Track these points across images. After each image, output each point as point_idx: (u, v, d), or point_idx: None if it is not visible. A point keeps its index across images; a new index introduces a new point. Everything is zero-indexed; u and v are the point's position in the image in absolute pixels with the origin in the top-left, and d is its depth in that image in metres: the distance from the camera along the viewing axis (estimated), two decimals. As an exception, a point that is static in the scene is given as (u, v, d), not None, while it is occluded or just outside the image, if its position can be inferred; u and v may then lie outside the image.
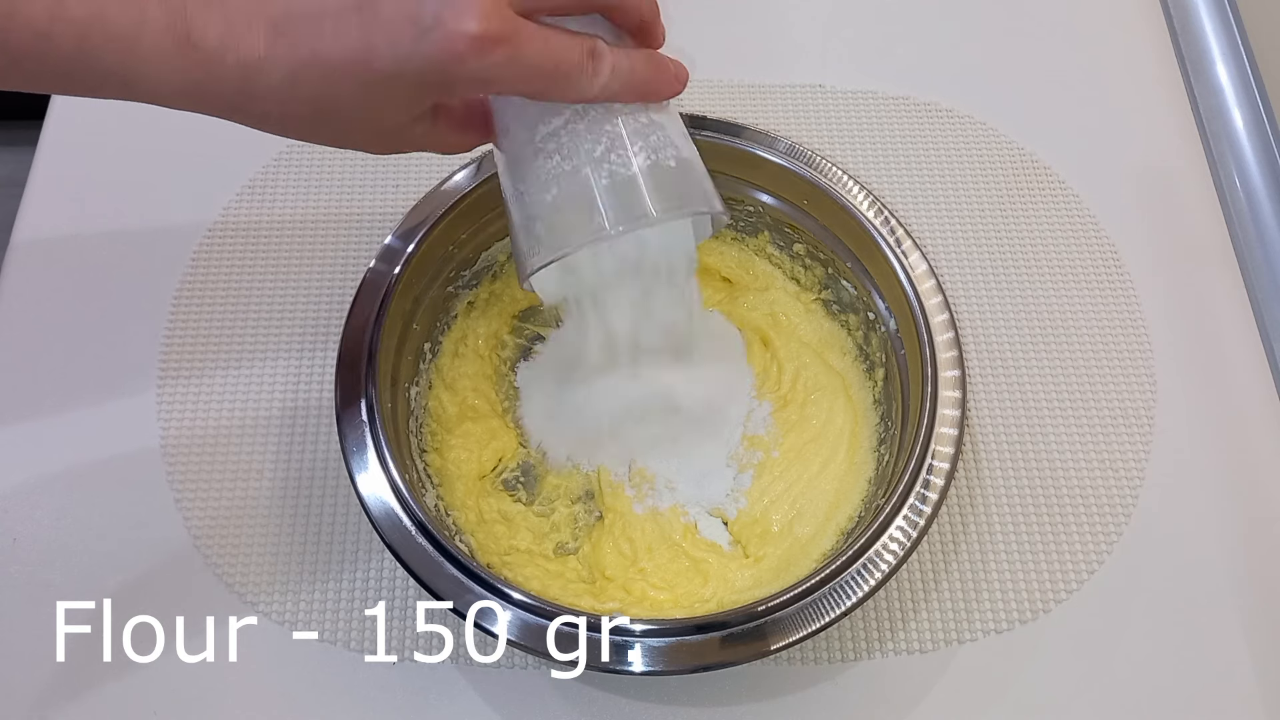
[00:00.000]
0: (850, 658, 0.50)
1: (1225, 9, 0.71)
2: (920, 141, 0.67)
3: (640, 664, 0.43)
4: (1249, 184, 0.65)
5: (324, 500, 0.53)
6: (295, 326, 0.58)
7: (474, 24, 0.35)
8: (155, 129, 0.62)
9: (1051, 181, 0.65)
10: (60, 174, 0.63)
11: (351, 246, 0.61)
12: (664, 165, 0.42)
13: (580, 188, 0.41)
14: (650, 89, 0.41)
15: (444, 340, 0.56)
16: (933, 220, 0.64)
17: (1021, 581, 0.53)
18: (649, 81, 0.40)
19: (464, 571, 0.44)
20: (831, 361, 0.57)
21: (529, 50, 0.36)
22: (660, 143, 0.42)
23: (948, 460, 0.47)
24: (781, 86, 0.68)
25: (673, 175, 0.42)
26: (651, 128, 0.42)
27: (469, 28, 0.35)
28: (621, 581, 0.50)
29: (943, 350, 0.50)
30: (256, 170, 0.63)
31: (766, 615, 0.44)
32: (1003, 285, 0.62)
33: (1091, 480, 0.55)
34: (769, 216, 0.57)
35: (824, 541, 0.51)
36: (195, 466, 0.54)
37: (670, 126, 0.43)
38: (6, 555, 0.51)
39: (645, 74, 0.40)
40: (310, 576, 0.51)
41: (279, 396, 0.56)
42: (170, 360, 0.57)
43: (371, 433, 0.47)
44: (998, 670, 0.50)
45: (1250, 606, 0.52)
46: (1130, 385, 0.58)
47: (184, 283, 0.59)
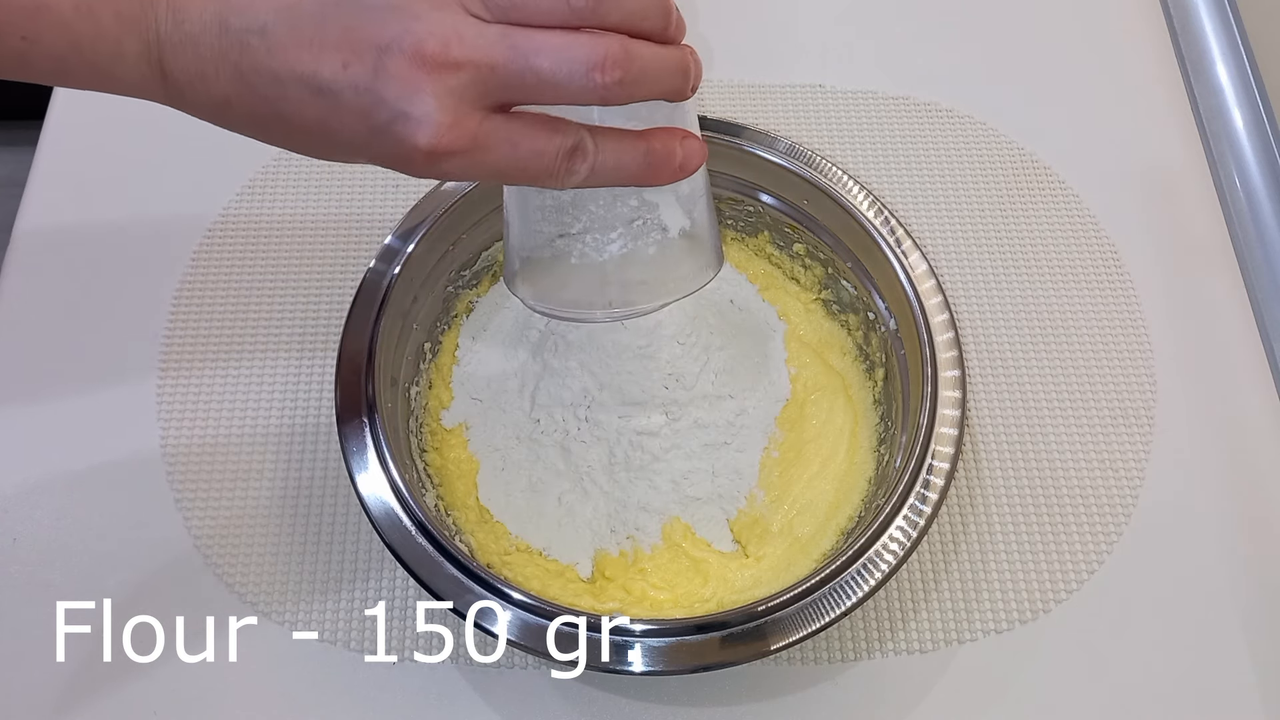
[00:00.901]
0: (850, 658, 0.50)
1: (1225, 9, 0.71)
2: (920, 141, 0.67)
3: (640, 664, 0.43)
4: (1249, 184, 0.65)
5: (324, 500, 0.53)
6: (295, 326, 0.58)
7: (425, 138, 0.33)
8: (155, 130, 0.62)
9: (1051, 181, 0.65)
10: (60, 174, 0.63)
11: (351, 246, 0.61)
12: (640, 254, 0.41)
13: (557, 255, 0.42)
14: (641, 180, 0.38)
15: (444, 340, 0.56)
16: (933, 220, 0.64)
17: (1021, 581, 0.53)
18: (638, 176, 0.37)
19: (464, 571, 0.44)
20: (831, 361, 0.57)
21: (491, 158, 0.35)
22: (645, 228, 0.41)
23: (948, 460, 0.47)
24: (781, 86, 0.68)
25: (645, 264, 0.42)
26: (641, 209, 0.41)
27: (419, 141, 0.33)
28: (621, 581, 0.50)
29: (943, 350, 0.50)
30: (256, 170, 0.63)
31: (766, 615, 0.44)
32: (1003, 285, 0.62)
33: (1091, 480, 0.55)
34: (769, 216, 0.57)
35: (824, 541, 0.51)
36: (195, 466, 0.54)
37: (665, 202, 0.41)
38: (6, 555, 0.51)
39: (634, 169, 0.37)
40: (310, 576, 0.51)
41: (279, 396, 0.56)
42: (170, 360, 0.57)
43: (371, 433, 0.47)
44: (998, 670, 0.50)
45: (1250, 606, 0.52)
46: (1130, 385, 0.58)
47: (184, 283, 0.59)
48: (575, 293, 0.43)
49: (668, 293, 0.44)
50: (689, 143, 0.38)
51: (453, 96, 0.33)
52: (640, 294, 0.44)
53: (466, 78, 0.33)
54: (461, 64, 0.33)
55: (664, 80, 0.36)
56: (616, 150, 0.36)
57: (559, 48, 0.33)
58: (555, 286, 0.43)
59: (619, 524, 0.51)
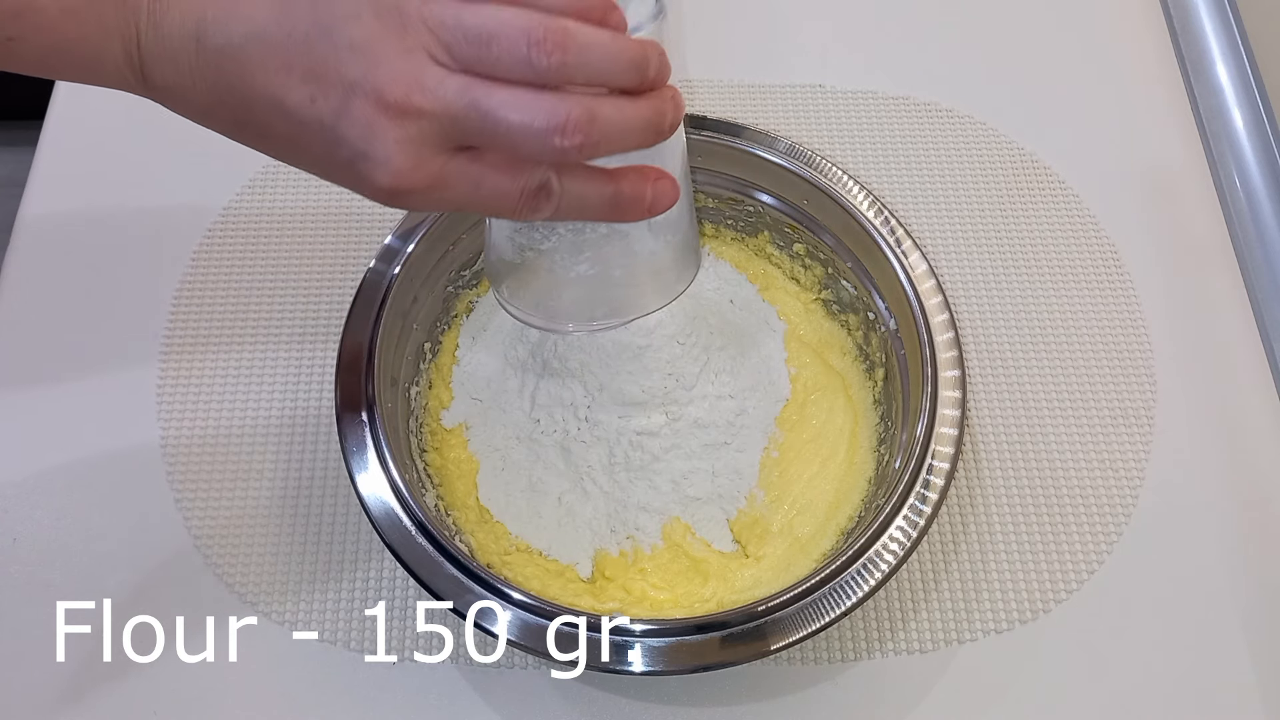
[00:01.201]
0: (850, 658, 0.50)
1: (1225, 9, 0.71)
2: (920, 141, 0.67)
3: (640, 664, 0.43)
4: (1249, 184, 0.65)
5: (324, 500, 0.53)
6: (295, 326, 0.58)
7: (385, 179, 0.34)
8: (155, 130, 0.62)
9: (1051, 181, 0.65)
10: (60, 174, 0.63)
11: (351, 246, 0.61)
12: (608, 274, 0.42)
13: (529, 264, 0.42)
14: (608, 219, 0.38)
15: (444, 340, 0.56)
16: (933, 220, 0.64)
17: (1021, 581, 0.53)
18: (605, 216, 0.37)
19: (464, 571, 0.44)
20: (831, 361, 0.57)
21: (452, 195, 0.35)
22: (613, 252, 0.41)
23: (948, 460, 0.47)
24: (781, 86, 0.68)
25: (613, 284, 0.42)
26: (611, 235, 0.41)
27: (379, 181, 0.34)
28: (621, 581, 0.50)
29: (943, 350, 0.50)
30: (256, 170, 0.63)
31: (766, 615, 0.44)
32: (1003, 285, 0.62)
33: (1091, 480, 0.55)
34: (769, 216, 0.57)
35: (824, 541, 0.51)
36: (195, 466, 0.54)
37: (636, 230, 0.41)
38: (6, 555, 0.51)
39: (601, 209, 0.37)
40: (310, 576, 0.51)
41: (279, 396, 0.56)
42: (170, 360, 0.57)
43: (371, 433, 0.47)
44: (998, 670, 0.50)
45: (1250, 606, 0.52)
46: (1130, 385, 0.58)
47: (184, 283, 0.59)
48: (543, 300, 0.44)
49: (635, 309, 0.45)
50: (661, 184, 0.37)
51: (413, 142, 0.33)
52: (608, 310, 0.44)
53: (427, 125, 0.33)
54: (423, 112, 0.33)
55: (629, 139, 0.35)
56: (583, 191, 0.36)
57: (520, 107, 0.33)
58: (526, 293, 0.44)
59: (619, 524, 0.51)
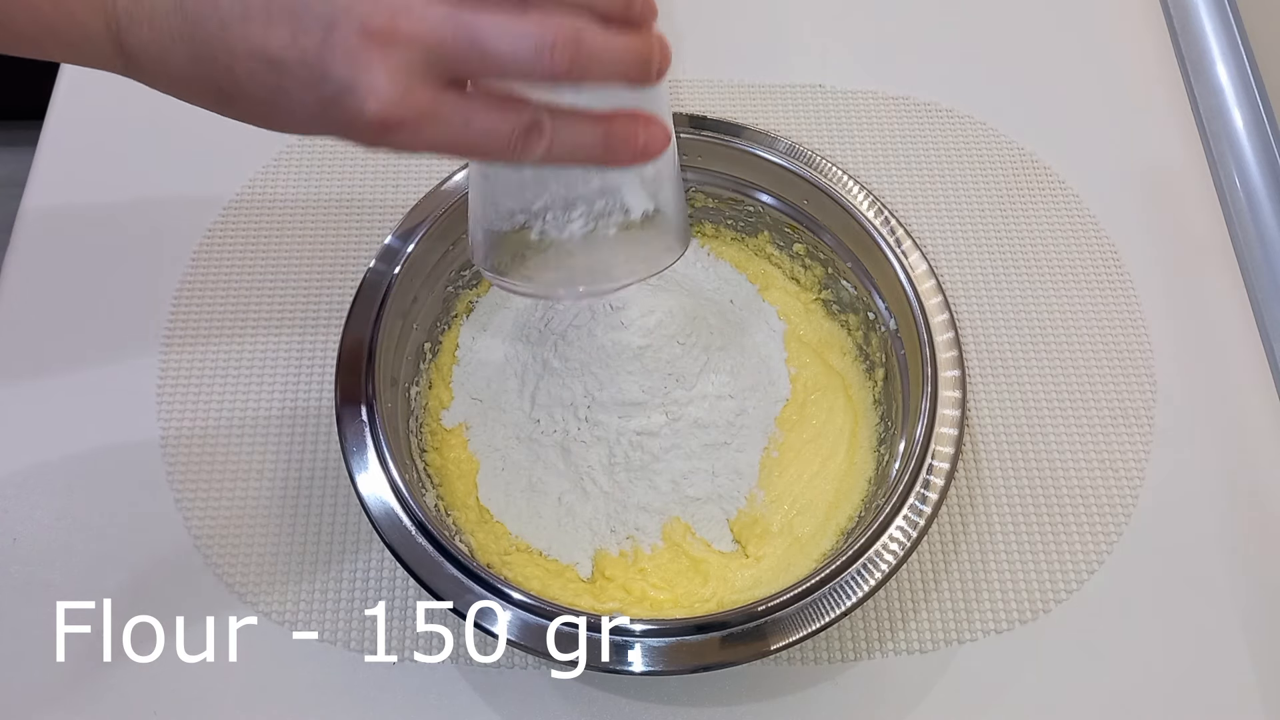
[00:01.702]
0: (850, 658, 0.50)
1: (1225, 9, 0.71)
2: (920, 141, 0.67)
3: (640, 664, 0.43)
4: (1249, 184, 0.65)
5: (324, 500, 0.53)
6: (295, 326, 0.58)
7: (374, 109, 0.33)
8: (156, 130, 0.63)
9: (1051, 181, 0.65)
10: (60, 174, 0.63)
11: (351, 246, 0.61)
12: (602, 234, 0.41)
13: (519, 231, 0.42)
14: (600, 161, 0.37)
15: (444, 340, 0.56)
16: (933, 220, 0.64)
17: (1021, 581, 0.53)
18: (597, 157, 0.37)
19: (464, 571, 0.44)
20: (831, 361, 0.57)
21: (442, 131, 0.34)
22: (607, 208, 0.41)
23: (948, 460, 0.47)
24: (781, 86, 0.68)
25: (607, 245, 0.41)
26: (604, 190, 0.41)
27: (368, 111, 0.33)
28: (621, 581, 0.50)
29: (943, 350, 0.50)
30: (256, 170, 0.63)
31: (766, 615, 0.44)
32: (1003, 285, 0.62)
33: (1091, 480, 0.55)
34: (769, 216, 0.57)
35: (824, 541, 0.51)
36: (195, 466, 0.54)
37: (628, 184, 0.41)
38: (6, 555, 0.51)
39: (593, 150, 0.37)
40: (310, 576, 0.51)
41: (279, 396, 0.56)
42: (170, 360, 0.57)
43: (371, 433, 0.47)
44: (998, 670, 0.50)
45: (1250, 606, 0.52)
46: (1130, 385, 0.58)
47: (184, 283, 0.59)
48: (535, 270, 0.43)
49: (630, 274, 0.44)
50: (652, 128, 0.37)
51: (401, 70, 0.33)
52: (602, 274, 0.44)
53: (415, 52, 0.33)
54: (409, 38, 0.33)
55: (618, 66, 0.35)
56: (575, 130, 0.36)
57: (506, 27, 0.33)
58: (516, 262, 0.43)
59: (619, 524, 0.51)
